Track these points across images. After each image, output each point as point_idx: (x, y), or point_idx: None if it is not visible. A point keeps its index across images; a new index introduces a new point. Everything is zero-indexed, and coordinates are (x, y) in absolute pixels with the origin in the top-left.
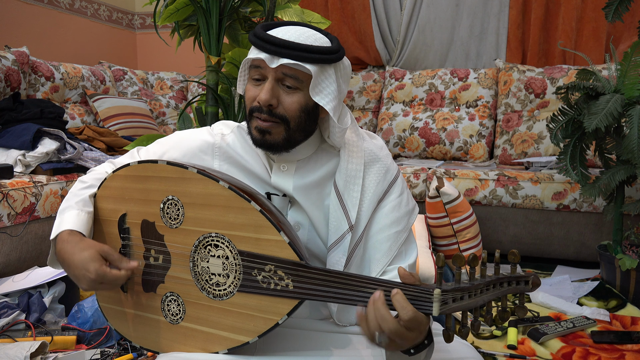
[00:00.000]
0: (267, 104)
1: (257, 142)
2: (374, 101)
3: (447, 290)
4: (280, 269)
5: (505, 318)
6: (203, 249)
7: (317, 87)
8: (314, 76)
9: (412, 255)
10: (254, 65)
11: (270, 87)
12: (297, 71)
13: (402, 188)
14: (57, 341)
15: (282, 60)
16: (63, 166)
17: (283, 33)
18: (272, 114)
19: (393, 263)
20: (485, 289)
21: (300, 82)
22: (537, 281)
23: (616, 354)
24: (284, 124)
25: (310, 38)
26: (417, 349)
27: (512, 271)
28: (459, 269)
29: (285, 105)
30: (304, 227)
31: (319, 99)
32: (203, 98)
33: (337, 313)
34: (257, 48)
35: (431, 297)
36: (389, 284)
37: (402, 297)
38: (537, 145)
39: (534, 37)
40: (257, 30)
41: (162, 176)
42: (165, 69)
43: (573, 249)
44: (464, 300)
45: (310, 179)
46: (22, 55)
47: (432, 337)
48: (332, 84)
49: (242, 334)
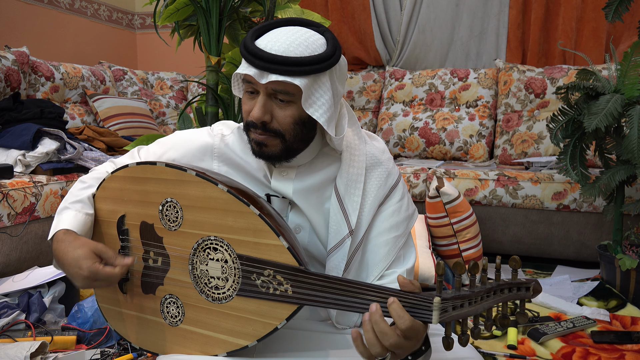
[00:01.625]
0: (260, 121)
1: (256, 153)
2: (374, 101)
3: (446, 299)
4: (280, 273)
5: (506, 325)
6: (202, 252)
7: (310, 99)
8: (305, 90)
9: (411, 259)
10: (246, 80)
11: (262, 104)
12: (287, 85)
13: (403, 193)
14: (57, 341)
15: (271, 76)
16: (63, 166)
17: (273, 42)
18: (267, 129)
19: (391, 267)
20: (486, 296)
21: (292, 95)
22: (538, 287)
23: (616, 354)
24: (279, 137)
25: (302, 45)
26: (415, 355)
27: (512, 277)
28: (458, 276)
29: (279, 119)
30: (304, 230)
31: (312, 112)
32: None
33: (336, 316)
34: (246, 62)
35: (431, 306)
36: (388, 291)
37: (398, 305)
38: (537, 145)
39: (534, 37)
40: (247, 40)
41: (160, 178)
42: (165, 69)
43: (573, 249)
44: (464, 307)
45: (311, 182)
46: (22, 55)
47: (429, 343)
48: (327, 92)
49: (241, 337)
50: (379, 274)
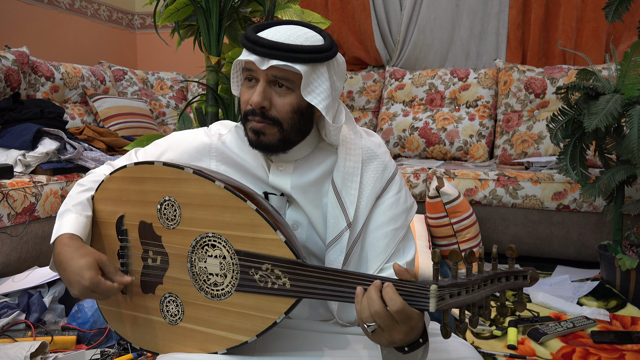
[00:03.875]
0: (260, 107)
1: (253, 143)
2: (374, 101)
3: (443, 286)
4: (277, 267)
5: (505, 313)
6: (200, 249)
7: (309, 86)
8: (305, 76)
9: (410, 252)
10: (246, 68)
11: (262, 90)
12: (287, 72)
13: (400, 185)
14: (57, 341)
15: (272, 61)
16: (63, 166)
17: (273, 34)
18: (265, 116)
19: (391, 260)
20: (483, 285)
21: (291, 82)
22: (536, 275)
23: (616, 354)
24: (277, 126)
25: (301, 37)
26: (412, 347)
27: (510, 266)
28: (455, 264)
29: (278, 107)
30: (302, 226)
31: (310, 99)
32: (203, 98)
33: (339, 312)
34: (247, 50)
35: (428, 293)
36: (386, 280)
37: (391, 289)
38: (537, 145)
39: (534, 37)
40: (248, 32)
41: (158, 177)
42: (165, 69)
43: (573, 249)
44: (461, 295)
45: (308, 177)
46: (22, 55)
47: (427, 336)
48: (325, 82)
49: (240, 333)
50: (379, 266)
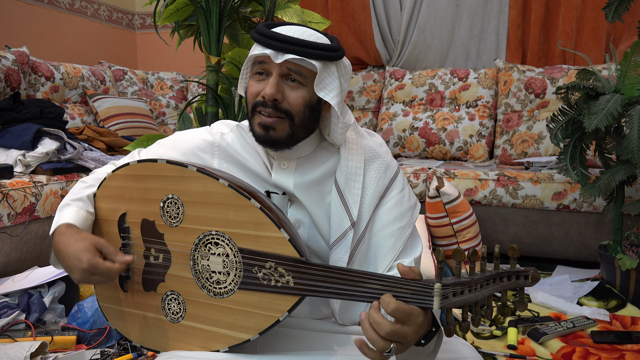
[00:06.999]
0: (272, 98)
1: (261, 138)
2: (374, 101)
3: (447, 285)
4: (281, 265)
5: (506, 313)
6: (203, 247)
7: (322, 82)
8: (319, 72)
9: (417, 250)
10: (258, 62)
11: (275, 82)
12: (301, 67)
13: (403, 184)
14: (57, 341)
15: (287, 55)
16: (63, 166)
17: (287, 31)
18: (277, 109)
19: (399, 258)
20: (485, 284)
21: (304, 77)
22: (537, 275)
23: (616, 354)
24: (288, 120)
25: (312, 37)
26: (427, 338)
27: (511, 266)
28: (458, 263)
29: (290, 100)
30: (304, 225)
31: (323, 95)
32: (203, 98)
33: (339, 312)
34: (261, 44)
35: (431, 292)
36: (389, 279)
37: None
38: (537, 145)
39: (534, 37)
40: (261, 27)
41: (161, 175)
42: (165, 69)
43: (573, 249)
44: (465, 294)
45: (311, 176)
46: (22, 55)
47: (438, 324)
48: (335, 80)
49: (242, 331)
50: (388, 265)
